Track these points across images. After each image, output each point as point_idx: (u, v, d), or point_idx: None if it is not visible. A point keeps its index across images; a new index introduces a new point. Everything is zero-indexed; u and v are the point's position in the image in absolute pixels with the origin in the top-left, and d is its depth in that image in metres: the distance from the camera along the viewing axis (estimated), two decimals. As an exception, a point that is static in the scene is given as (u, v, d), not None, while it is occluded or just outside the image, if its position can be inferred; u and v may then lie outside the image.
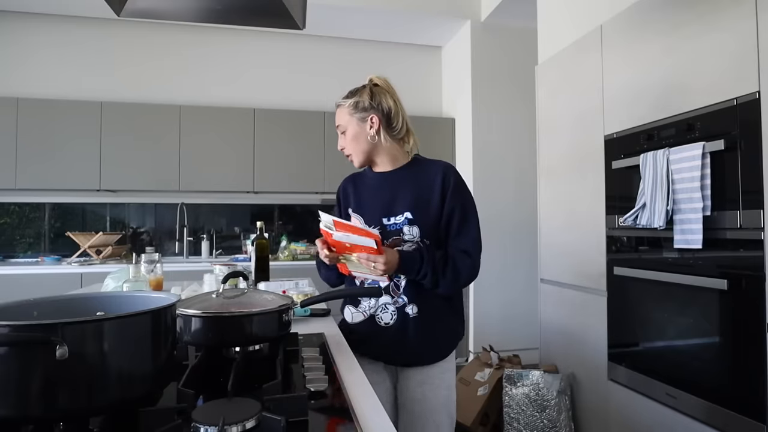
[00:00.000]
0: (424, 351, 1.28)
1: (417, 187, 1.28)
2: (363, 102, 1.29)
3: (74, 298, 0.82)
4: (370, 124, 1.29)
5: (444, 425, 1.29)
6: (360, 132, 1.30)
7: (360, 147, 1.31)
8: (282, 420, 0.60)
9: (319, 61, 4.13)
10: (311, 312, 1.47)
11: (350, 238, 1.17)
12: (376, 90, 1.31)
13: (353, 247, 1.18)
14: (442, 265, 1.21)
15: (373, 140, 1.30)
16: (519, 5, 3.47)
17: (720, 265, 1.52)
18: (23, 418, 0.59)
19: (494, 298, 3.72)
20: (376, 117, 1.29)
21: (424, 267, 1.19)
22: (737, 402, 1.46)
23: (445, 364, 1.32)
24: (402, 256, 1.18)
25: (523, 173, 3.75)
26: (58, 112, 3.35)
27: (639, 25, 1.90)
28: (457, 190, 1.27)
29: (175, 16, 1.35)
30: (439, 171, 1.28)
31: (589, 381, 2.20)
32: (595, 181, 2.14)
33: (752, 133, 1.41)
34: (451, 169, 1.30)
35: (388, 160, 1.33)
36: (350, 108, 1.30)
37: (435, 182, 1.27)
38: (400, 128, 1.32)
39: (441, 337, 1.31)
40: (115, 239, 3.59)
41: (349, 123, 1.30)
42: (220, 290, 1.02)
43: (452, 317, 1.32)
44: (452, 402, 1.34)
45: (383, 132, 1.30)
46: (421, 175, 1.30)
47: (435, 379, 1.29)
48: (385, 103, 1.30)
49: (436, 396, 1.28)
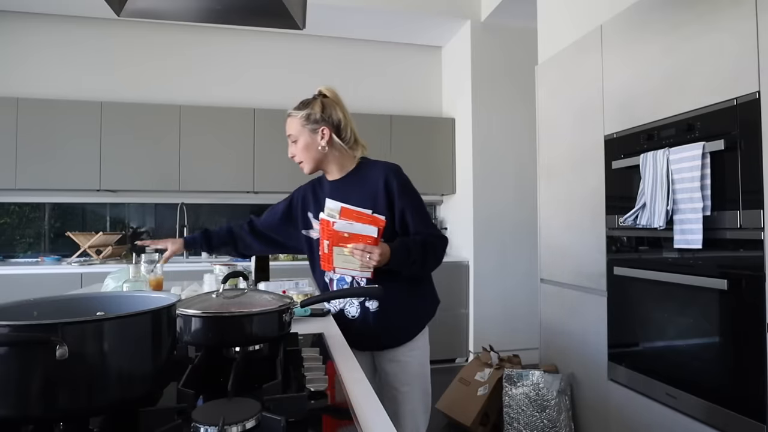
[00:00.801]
0: (388, 338, 1.39)
1: (364, 192, 1.37)
2: (314, 114, 1.38)
3: (74, 298, 0.82)
4: (321, 135, 1.38)
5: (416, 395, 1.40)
6: (311, 142, 1.38)
7: (310, 156, 1.40)
8: (282, 420, 0.60)
9: (319, 61, 4.13)
10: (311, 312, 1.47)
11: (353, 227, 1.20)
12: (326, 102, 1.40)
13: (351, 237, 1.22)
14: (424, 250, 1.31)
15: (323, 150, 1.39)
16: (519, 5, 3.47)
17: (720, 265, 1.52)
18: (23, 418, 0.59)
19: (494, 298, 3.72)
20: (327, 129, 1.38)
21: (413, 254, 1.29)
22: (737, 402, 1.46)
23: (412, 343, 1.41)
24: (393, 248, 1.26)
25: (523, 173, 3.75)
26: (58, 112, 3.35)
27: (639, 25, 1.90)
28: (402, 192, 1.36)
29: (175, 16, 1.35)
30: (381, 174, 1.37)
31: (589, 381, 2.20)
32: (595, 181, 2.14)
33: (752, 133, 1.41)
34: (392, 172, 1.38)
35: (337, 169, 1.43)
36: (302, 119, 1.38)
37: (379, 186, 1.36)
38: (348, 138, 1.42)
39: (404, 324, 1.40)
40: (115, 239, 3.59)
41: (300, 133, 1.39)
42: (220, 290, 1.01)
43: (416, 303, 1.42)
44: (424, 376, 1.44)
45: (333, 142, 1.39)
46: (366, 180, 1.39)
47: (404, 357, 1.40)
48: (335, 116, 1.39)
49: (405, 371, 1.39)
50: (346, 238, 1.23)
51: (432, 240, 1.35)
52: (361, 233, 1.21)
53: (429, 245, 1.33)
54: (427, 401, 1.44)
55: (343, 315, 1.41)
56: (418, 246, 1.30)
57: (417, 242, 1.31)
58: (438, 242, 1.37)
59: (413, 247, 1.29)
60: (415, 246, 1.30)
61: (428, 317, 1.46)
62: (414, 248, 1.29)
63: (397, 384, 1.39)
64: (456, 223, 4.08)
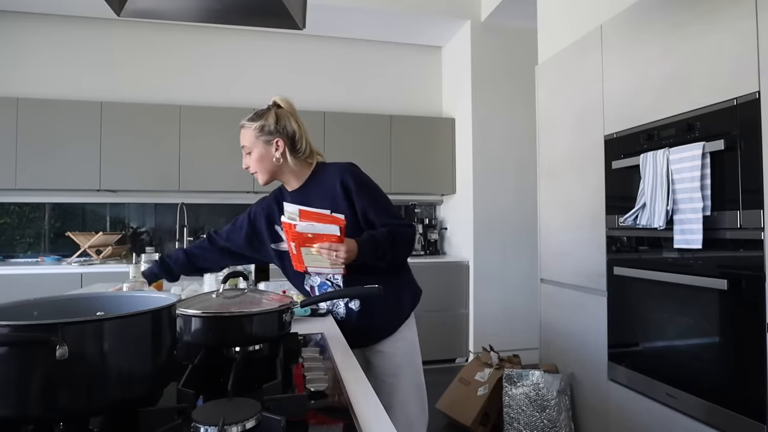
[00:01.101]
0: (373, 333, 1.41)
1: (323, 198, 1.37)
2: (269, 126, 1.35)
3: (74, 298, 0.82)
4: (275, 147, 1.36)
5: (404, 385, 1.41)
6: (265, 154, 1.37)
7: (265, 167, 1.38)
8: (282, 420, 0.60)
9: (319, 61, 4.13)
10: (311, 312, 1.47)
11: (314, 227, 1.20)
12: (280, 113, 1.38)
13: (315, 237, 1.22)
14: (392, 239, 1.31)
15: (278, 162, 1.37)
16: (519, 5, 3.47)
17: (720, 265, 1.52)
18: (23, 418, 0.59)
19: (494, 298, 3.72)
20: (282, 140, 1.36)
21: (381, 245, 1.29)
22: (737, 402, 1.46)
23: (396, 335, 1.43)
24: (359, 243, 1.26)
25: (523, 173, 3.75)
26: (58, 112, 3.35)
27: (639, 26, 1.90)
28: (360, 190, 1.36)
29: (175, 16, 1.35)
30: (337, 176, 1.36)
31: (589, 381, 2.20)
32: (595, 181, 2.14)
33: (752, 133, 1.41)
34: (346, 172, 1.37)
35: (294, 179, 1.42)
36: (256, 131, 1.36)
37: (336, 189, 1.35)
38: (304, 150, 1.40)
39: (385, 318, 1.41)
40: (115, 239, 3.59)
41: (254, 145, 1.37)
42: (220, 290, 1.02)
43: (395, 296, 1.43)
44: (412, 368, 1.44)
45: (288, 154, 1.37)
46: (323, 185, 1.39)
47: (388, 348, 1.42)
48: (290, 127, 1.37)
49: (390, 362, 1.41)
50: (310, 238, 1.24)
51: (398, 229, 1.34)
52: (324, 233, 1.21)
53: (396, 235, 1.33)
54: (420, 395, 1.43)
55: (333, 317, 1.43)
56: (385, 237, 1.30)
57: (383, 233, 1.31)
58: (405, 230, 1.36)
59: (380, 239, 1.29)
60: (382, 237, 1.30)
61: (410, 308, 1.46)
62: (381, 240, 1.29)
63: (383, 375, 1.40)
64: (456, 223, 4.08)
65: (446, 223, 4.28)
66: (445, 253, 4.22)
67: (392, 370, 1.40)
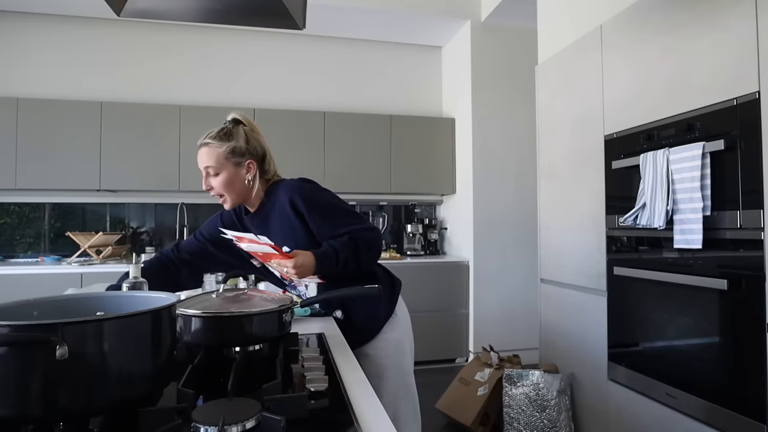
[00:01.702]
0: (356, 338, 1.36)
1: (278, 222, 1.31)
2: (240, 147, 1.28)
3: (74, 298, 0.82)
4: (246, 169, 1.30)
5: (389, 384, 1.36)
6: (235, 176, 1.29)
7: (235, 191, 1.30)
8: (282, 420, 0.60)
9: (319, 61, 4.13)
10: (311, 312, 1.47)
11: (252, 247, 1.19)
12: (247, 132, 1.32)
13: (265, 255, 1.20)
14: (353, 245, 1.24)
15: (249, 185, 1.31)
16: (519, 5, 3.47)
17: (720, 265, 1.52)
18: (23, 418, 0.59)
19: (494, 298, 3.72)
20: (254, 162, 1.31)
21: (342, 253, 1.22)
22: (737, 402, 1.46)
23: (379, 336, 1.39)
24: (316, 254, 1.20)
25: (523, 173, 3.75)
26: (58, 112, 3.35)
27: (639, 26, 1.90)
28: (311, 208, 1.28)
29: (175, 16, 1.35)
30: (286, 199, 1.29)
31: (589, 381, 2.20)
32: (595, 181, 2.14)
33: (752, 133, 1.41)
34: (294, 192, 1.30)
35: (256, 202, 1.36)
36: (226, 152, 1.27)
37: (287, 211, 1.29)
38: (271, 171, 1.36)
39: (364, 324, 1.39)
40: (115, 239, 3.59)
41: (223, 167, 1.28)
42: (220, 290, 1.02)
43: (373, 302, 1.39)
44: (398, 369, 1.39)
45: (257, 176, 1.32)
46: (277, 207, 1.32)
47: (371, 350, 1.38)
48: (259, 147, 1.33)
49: (373, 363, 1.36)
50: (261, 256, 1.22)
51: (359, 234, 1.27)
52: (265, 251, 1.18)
53: (358, 239, 1.26)
54: (410, 396, 1.39)
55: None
56: (346, 243, 1.24)
57: (344, 241, 1.24)
58: (366, 234, 1.28)
59: (340, 247, 1.23)
60: (342, 245, 1.23)
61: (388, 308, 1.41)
62: (341, 248, 1.22)
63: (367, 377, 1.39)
64: (456, 223, 4.08)
65: (446, 223, 4.28)
66: (445, 253, 4.22)
67: (375, 371, 1.35)
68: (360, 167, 3.82)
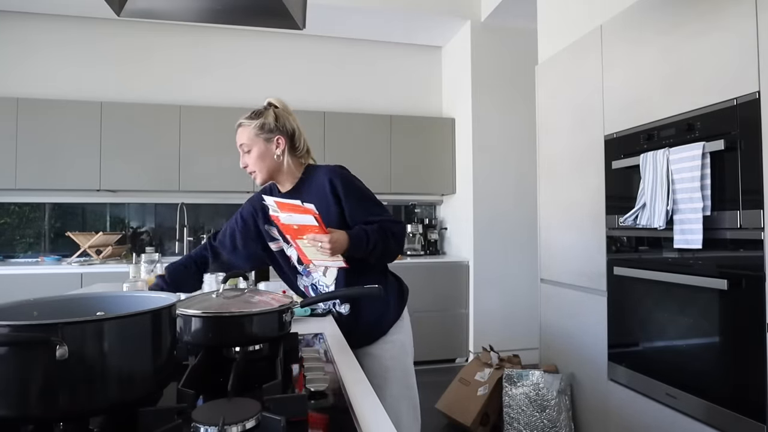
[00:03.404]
0: (362, 336, 1.39)
1: (315, 199, 1.35)
2: (269, 123, 1.36)
3: (74, 298, 0.82)
4: (276, 145, 1.37)
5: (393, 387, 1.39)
6: (266, 152, 1.37)
7: (265, 166, 1.38)
8: (282, 420, 0.60)
9: (319, 61, 4.13)
10: (311, 312, 1.47)
11: (293, 218, 1.19)
12: (278, 112, 1.39)
13: (300, 228, 1.21)
14: (383, 234, 1.29)
15: (278, 159, 1.38)
16: (519, 5, 3.47)
17: (720, 265, 1.52)
18: (23, 418, 0.59)
19: (494, 298, 3.72)
20: (282, 138, 1.38)
21: (372, 238, 1.27)
22: (737, 402, 1.46)
23: (386, 337, 1.41)
24: (350, 234, 1.25)
25: (523, 173, 3.75)
26: (58, 112, 3.35)
27: (639, 25, 1.90)
28: (348, 193, 1.35)
29: (175, 16, 1.35)
30: (326, 179, 1.36)
31: (589, 381, 2.20)
32: (595, 181, 2.14)
33: (752, 133, 1.41)
34: (334, 174, 1.37)
35: (289, 180, 1.43)
36: (256, 129, 1.36)
37: (326, 191, 1.35)
38: (302, 148, 1.42)
39: (374, 320, 1.40)
40: (115, 239, 3.59)
41: (254, 143, 1.37)
42: (220, 290, 1.02)
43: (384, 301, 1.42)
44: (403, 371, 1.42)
45: (287, 153, 1.39)
46: (314, 187, 1.39)
47: (377, 351, 1.40)
48: (289, 125, 1.39)
49: (379, 364, 1.38)
50: (296, 230, 1.22)
51: (388, 224, 1.33)
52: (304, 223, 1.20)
53: (387, 229, 1.31)
54: (411, 397, 1.41)
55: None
56: (376, 230, 1.29)
57: (374, 227, 1.29)
58: (395, 225, 1.34)
59: (371, 232, 1.28)
60: (372, 231, 1.28)
61: (397, 310, 1.45)
62: (372, 233, 1.28)
63: (371, 377, 1.38)
64: (456, 223, 4.08)
65: (446, 223, 4.28)
66: (445, 253, 4.22)
67: (380, 372, 1.37)
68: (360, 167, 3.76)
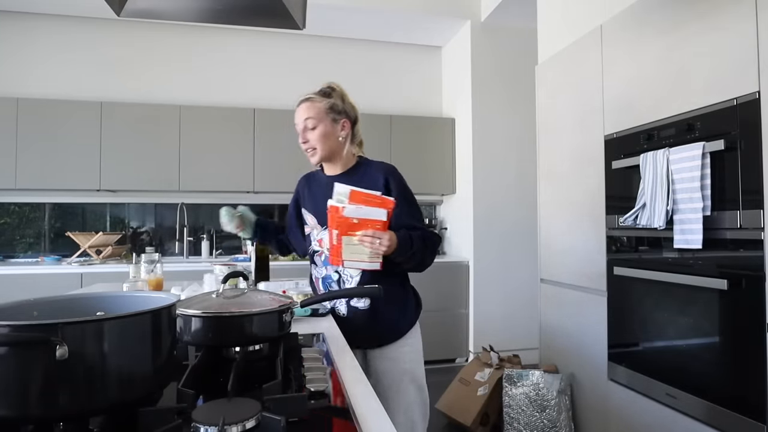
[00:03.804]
0: (381, 335, 1.40)
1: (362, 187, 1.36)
2: (338, 105, 1.39)
3: (74, 298, 0.82)
4: (341, 127, 1.40)
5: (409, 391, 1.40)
6: (331, 132, 1.38)
7: (327, 145, 1.39)
8: (282, 420, 0.60)
9: (319, 61, 4.13)
10: (311, 312, 1.47)
11: (361, 211, 1.18)
12: (345, 98, 1.42)
13: (360, 223, 1.19)
14: (423, 243, 1.33)
15: (341, 142, 1.40)
16: (519, 5, 3.47)
17: (720, 265, 1.52)
18: (23, 418, 0.59)
19: (494, 298, 3.72)
20: (348, 122, 1.41)
21: (415, 245, 1.30)
22: (737, 402, 1.46)
23: (404, 340, 1.42)
24: (398, 237, 1.26)
25: (523, 173, 3.75)
26: (58, 112, 3.35)
27: (639, 25, 1.90)
28: (401, 192, 1.38)
29: (175, 16, 1.35)
30: (381, 174, 1.39)
31: (589, 381, 2.20)
32: (595, 181, 2.14)
33: (752, 133, 1.41)
34: (391, 172, 1.41)
35: (342, 164, 1.44)
36: (326, 107, 1.38)
37: (379, 185, 1.37)
38: (358, 136, 1.45)
39: (394, 320, 1.41)
40: (115, 239, 3.59)
41: (321, 120, 1.37)
42: (220, 290, 1.01)
43: (404, 300, 1.44)
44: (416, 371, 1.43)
45: (348, 137, 1.41)
46: (366, 177, 1.40)
47: (394, 353, 1.40)
48: (352, 111, 1.42)
49: (397, 368, 1.39)
50: (355, 224, 1.20)
51: (429, 236, 1.37)
52: (370, 217, 1.19)
53: (428, 240, 1.35)
54: (423, 398, 1.43)
55: (335, 313, 1.42)
56: (419, 238, 1.32)
57: (418, 235, 1.32)
58: (434, 238, 1.39)
59: (415, 239, 1.31)
60: (416, 238, 1.31)
61: (415, 314, 1.47)
62: (416, 240, 1.31)
63: (389, 381, 1.39)
64: (456, 223, 4.08)
65: (446, 223, 4.28)
66: (445, 253, 4.22)
67: (399, 375, 1.39)
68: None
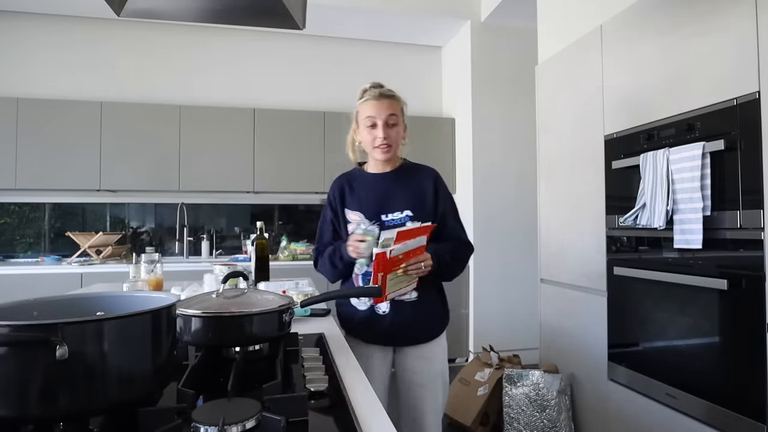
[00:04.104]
0: (419, 333, 1.43)
1: (412, 188, 1.44)
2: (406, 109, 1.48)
3: (74, 298, 0.82)
4: (405, 128, 1.47)
5: (440, 392, 1.46)
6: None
7: (398, 144, 1.45)
8: (282, 420, 0.60)
9: (319, 61, 4.13)
10: (311, 312, 1.47)
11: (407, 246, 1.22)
12: None
13: (406, 255, 1.24)
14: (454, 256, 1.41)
15: (402, 143, 1.47)
16: (519, 5, 3.47)
17: (720, 265, 1.52)
18: (23, 418, 0.59)
19: (494, 298, 3.72)
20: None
21: (450, 262, 1.39)
22: (737, 402, 1.46)
23: (438, 340, 1.47)
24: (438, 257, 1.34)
25: (523, 173, 3.75)
26: (58, 112, 3.35)
27: (639, 25, 1.90)
28: (446, 195, 1.47)
29: (175, 16, 1.35)
30: (430, 176, 1.47)
31: (589, 381, 2.20)
32: (595, 181, 2.14)
33: (752, 133, 1.41)
34: (438, 175, 1.49)
35: (390, 164, 1.49)
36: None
37: (427, 186, 1.45)
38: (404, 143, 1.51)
39: (432, 320, 1.46)
40: (115, 239, 3.59)
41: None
42: (220, 290, 1.02)
43: (441, 302, 1.50)
44: (446, 374, 1.49)
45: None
46: (414, 179, 1.47)
47: (429, 353, 1.44)
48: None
49: (432, 368, 1.44)
50: (400, 259, 1.24)
51: (462, 248, 1.45)
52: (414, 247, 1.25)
53: (459, 252, 1.43)
54: (446, 397, 1.49)
55: (374, 312, 1.40)
56: (452, 253, 1.39)
57: (448, 249, 1.39)
58: (467, 250, 1.47)
59: (450, 256, 1.39)
60: (453, 258, 1.39)
61: (448, 317, 1.53)
62: (451, 258, 1.38)
63: (423, 380, 1.42)
64: (456, 223, 4.07)
65: (446, 223, 4.28)
66: (445, 253, 4.21)
67: (432, 375, 1.43)
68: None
